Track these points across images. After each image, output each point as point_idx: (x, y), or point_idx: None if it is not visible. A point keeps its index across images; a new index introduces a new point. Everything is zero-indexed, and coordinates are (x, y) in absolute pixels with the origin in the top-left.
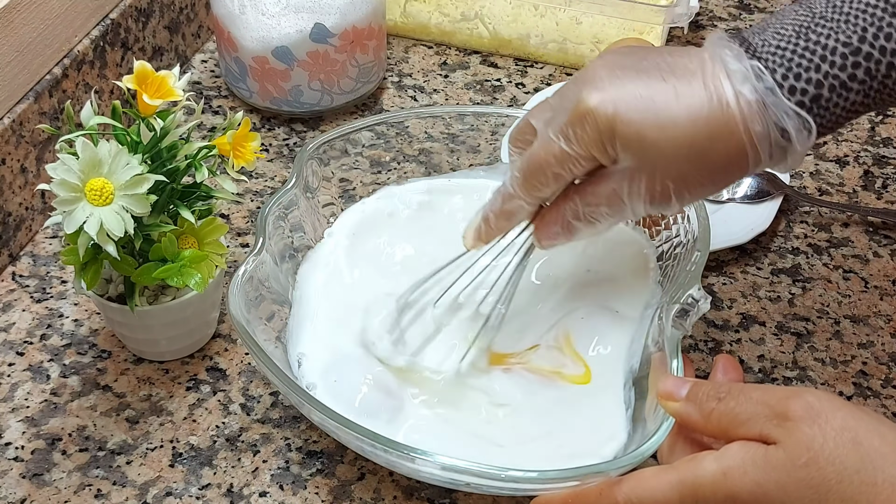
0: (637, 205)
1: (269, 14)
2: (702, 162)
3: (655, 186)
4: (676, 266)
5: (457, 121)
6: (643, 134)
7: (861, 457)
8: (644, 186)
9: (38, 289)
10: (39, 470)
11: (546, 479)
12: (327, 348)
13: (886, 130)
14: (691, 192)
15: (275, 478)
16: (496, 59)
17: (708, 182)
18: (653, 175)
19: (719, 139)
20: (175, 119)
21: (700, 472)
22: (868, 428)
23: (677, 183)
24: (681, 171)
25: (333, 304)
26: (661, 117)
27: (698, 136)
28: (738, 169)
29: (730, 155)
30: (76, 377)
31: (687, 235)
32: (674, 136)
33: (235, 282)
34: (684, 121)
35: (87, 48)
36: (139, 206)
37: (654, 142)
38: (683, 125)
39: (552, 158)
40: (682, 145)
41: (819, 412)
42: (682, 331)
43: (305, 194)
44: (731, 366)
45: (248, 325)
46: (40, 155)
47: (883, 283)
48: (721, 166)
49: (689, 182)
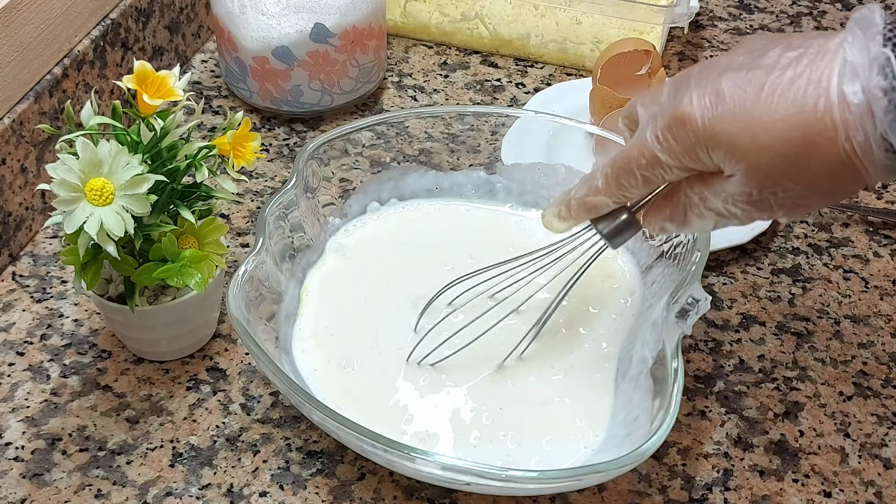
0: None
1: (270, 14)
2: (802, 174)
3: (757, 197)
4: (676, 266)
5: (457, 121)
6: (735, 144)
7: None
8: (745, 196)
9: (38, 289)
10: (39, 470)
11: (546, 478)
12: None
13: None
14: (800, 203)
15: (275, 478)
16: (496, 59)
17: (815, 195)
18: (753, 185)
19: (816, 150)
20: (175, 119)
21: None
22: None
23: (781, 194)
24: (780, 182)
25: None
26: (753, 126)
27: (791, 145)
28: (850, 181)
29: (831, 167)
30: (76, 377)
31: (687, 235)
32: (767, 145)
33: (235, 282)
34: (778, 128)
35: (87, 48)
36: (139, 206)
37: (746, 152)
38: (777, 133)
39: (643, 161)
40: (777, 156)
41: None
42: (682, 330)
43: (305, 194)
44: None
45: (248, 324)
46: (40, 155)
47: (883, 283)
48: (825, 178)
49: (793, 194)
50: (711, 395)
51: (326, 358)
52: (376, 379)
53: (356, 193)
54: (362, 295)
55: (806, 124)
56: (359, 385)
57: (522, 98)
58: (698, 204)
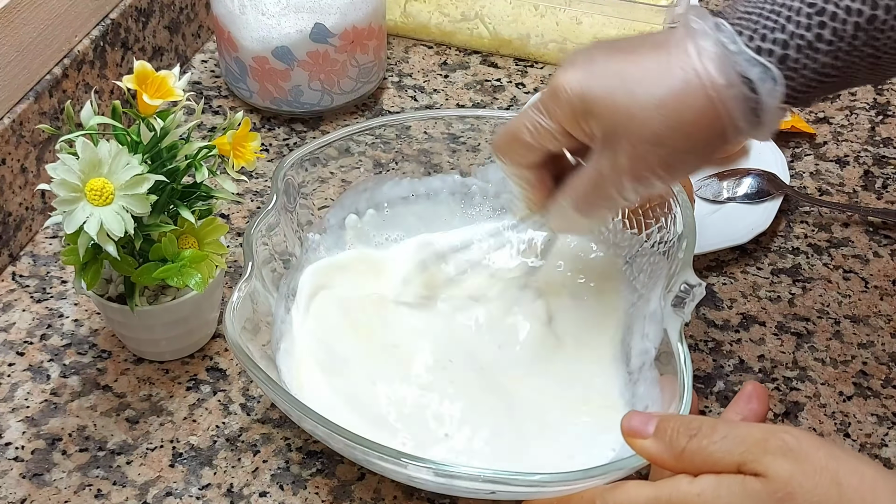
0: (623, 184)
1: (270, 14)
2: (676, 125)
3: (636, 159)
4: (665, 256)
5: (457, 121)
6: (613, 101)
7: (840, 497)
8: (625, 160)
9: (38, 289)
10: (39, 470)
11: (545, 482)
12: None
13: (886, 130)
14: (675, 163)
15: (275, 478)
16: (496, 59)
17: (689, 149)
18: (631, 146)
19: (687, 97)
20: (175, 119)
21: (675, 491)
22: (848, 468)
23: (657, 153)
24: (657, 136)
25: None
26: (628, 83)
27: (665, 94)
28: (716, 132)
29: (703, 114)
30: (76, 377)
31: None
32: (642, 97)
33: (231, 308)
34: (650, 82)
35: (87, 48)
36: (139, 206)
37: (625, 108)
38: (649, 86)
39: (524, 128)
40: (651, 106)
41: (799, 450)
42: (682, 318)
43: (286, 211)
44: (757, 398)
45: (249, 351)
46: (40, 155)
47: (883, 283)
48: (697, 129)
49: (669, 151)
50: (711, 395)
51: (324, 376)
52: (367, 388)
53: (333, 207)
54: (349, 306)
55: (676, 77)
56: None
57: (522, 98)
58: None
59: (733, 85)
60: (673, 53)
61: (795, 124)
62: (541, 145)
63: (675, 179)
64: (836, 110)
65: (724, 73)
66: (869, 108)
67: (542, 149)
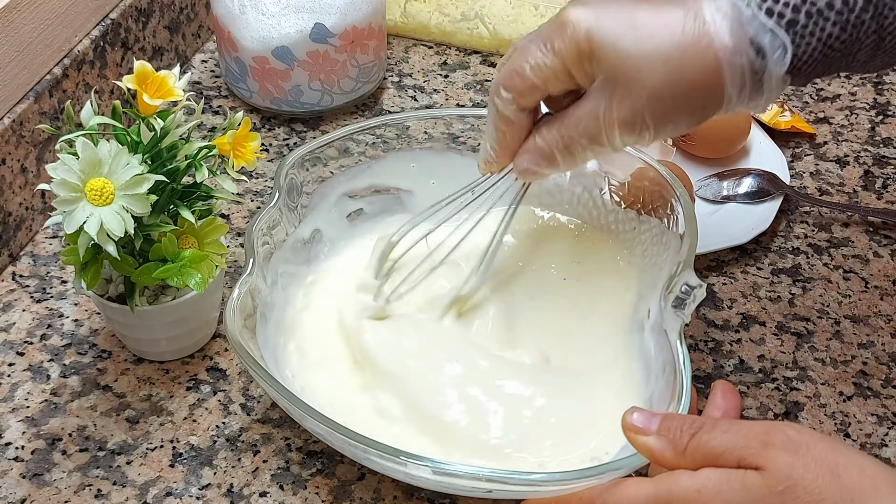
0: (613, 129)
1: (269, 14)
2: (677, 79)
3: (630, 105)
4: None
5: (457, 121)
6: (619, 46)
7: (840, 489)
8: (619, 105)
9: (38, 289)
10: (39, 470)
11: (543, 481)
12: None
13: (886, 130)
14: (667, 116)
15: (275, 478)
16: (496, 59)
17: (683, 105)
18: (628, 91)
19: (694, 54)
20: (175, 119)
21: (674, 486)
22: (848, 461)
23: (652, 103)
24: (656, 88)
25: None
26: (638, 31)
27: (673, 50)
28: (714, 93)
29: (705, 72)
30: (76, 377)
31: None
32: (649, 49)
33: (231, 305)
34: (660, 34)
35: (87, 48)
36: (139, 206)
37: (629, 54)
38: (659, 39)
39: (526, 65)
40: (658, 59)
41: (799, 443)
42: (682, 319)
43: (287, 209)
44: (729, 391)
45: (248, 348)
46: (40, 155)
47: (883, 283)
48: (695, 86)
49: (664, 103)
50: None
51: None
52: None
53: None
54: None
55: (686, 31)
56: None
57: None
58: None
59: (741, 49)
60: (689, 8)
61: (795, 124)
62: (543, 83)
63: (664, 136)
64: (836, 110)
65: (736, 36)
66: (869, 108)
67: (543, 87)
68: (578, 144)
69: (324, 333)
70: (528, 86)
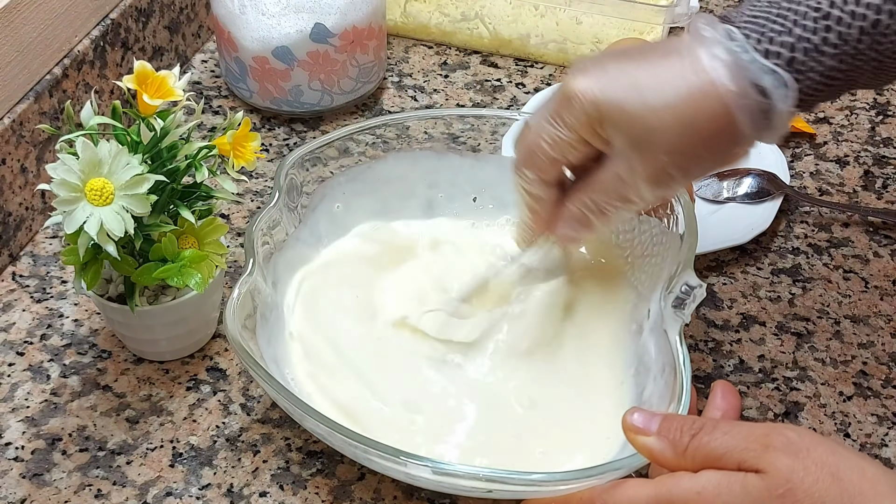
0: (640, 187)
1: (270, 14)
2: (690, 131)
3: (652, 163)
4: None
5: (457, 121)
6: (627, 109)
7: (840, 492)
8: (641, 164)
9: (38, 289)
10: (39, 470)
11: (543, 481)
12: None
13: (886, 130)
14: (690, 166)
15: (275, 478)
16: (496, 59)
17: (703, 153)
18: (646, 151)
19: (701, 104)
20: (175, 119)
21: (675, 488)
22: (849, 464)
23: (672, 157)
24: (672, 143)
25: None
26: (642, 91)
27: (680, 103)
28: (729, 137)
29: (715, 120)
30: (76, 377)
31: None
32: (657, 106)
33: (231, 305)
34: (665, 90)
35: (87, 48)
36: (139, 206)
37: (639, 115)
38: (665, 95)
39: (543, 142)
40: (668, 116)
41: (800, 446)
42: (682, 320)
43: (287, 209)
44: (729, 392)
45: (249, 348)
46: (40, 155)
47: (883, 283)
48: (710, 134)
49: (684, 155)
50: None
51: (323, 372)
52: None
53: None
54: (344, 308)
55: (690, 84)
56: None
57: (522, 98)
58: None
59: (746, 92)
60: (686, 61)
61: (795, 124)
62: (562, 156)
63: (692, 180)
64: (836, 110)
65: (737, 81)
66: (869, 108)
67: (563, 160)
68: (611, 206)
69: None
70: (548, 161)
